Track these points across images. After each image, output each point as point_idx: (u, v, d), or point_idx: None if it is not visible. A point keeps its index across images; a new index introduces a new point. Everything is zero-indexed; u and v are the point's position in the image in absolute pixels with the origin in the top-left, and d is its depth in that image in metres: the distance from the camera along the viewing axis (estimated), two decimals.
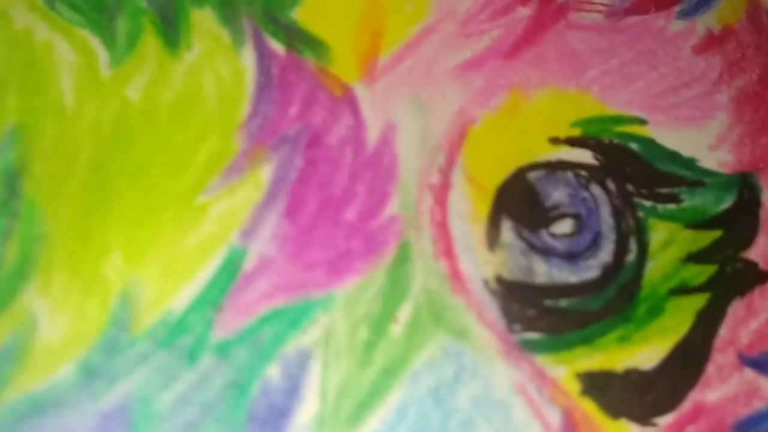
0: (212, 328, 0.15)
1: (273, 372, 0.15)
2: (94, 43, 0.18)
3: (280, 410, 0.14)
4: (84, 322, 0.15)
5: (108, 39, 0.18)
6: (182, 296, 0.15)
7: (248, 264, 0.16)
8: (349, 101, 0.17)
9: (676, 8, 0.20)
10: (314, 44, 0.18)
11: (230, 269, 0.15)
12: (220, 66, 0.18)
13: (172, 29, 0.18)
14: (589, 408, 0.15)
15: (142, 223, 0.16)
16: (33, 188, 0.16)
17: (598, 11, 0.20)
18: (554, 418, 0.15)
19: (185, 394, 0.14)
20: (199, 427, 0.14)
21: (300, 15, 0.18)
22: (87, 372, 0.14)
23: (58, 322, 0.15)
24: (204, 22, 0.18)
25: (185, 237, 0.16)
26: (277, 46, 0.18)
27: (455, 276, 0.16)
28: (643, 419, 0.15)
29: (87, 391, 0.14)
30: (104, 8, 0.18)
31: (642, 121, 0.18)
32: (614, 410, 0.15)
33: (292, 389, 0.15)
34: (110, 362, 0.14)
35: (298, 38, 0.18)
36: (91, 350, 0.14)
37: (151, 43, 0.18)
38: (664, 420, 0.15)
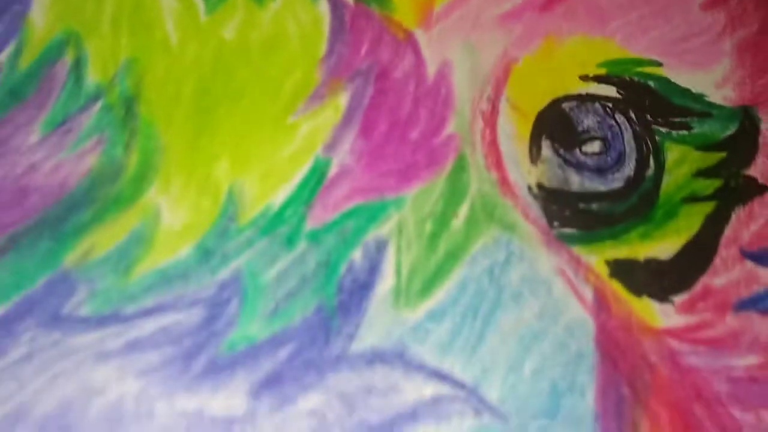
0: (305, 221, 0.18)
1: (356, 255, 0.18)
2: None
3: (363, 284, 0.18)
4: (199, 213, 0.18)
5: None
6: (279, 195, 0.18)
7: (331, 171, 0.19)
8: (411, 43, 0.21)
9: None
10: None
11: (317, 175, 0.19)
12: (300, 14, 0.21)
13: None
14: (616, 287, 0.18)
15: (243, 138, 0.19)
16: (148, 110, 0.19)
17: None
18: (588, 294, 0.18)
19: (285, 270, 0.17)
20: (298, 296, 0.17)
21: None
22: (204, 252, 0.17)
23: (178, 214, 0.18)
24: None
25: (280, 149, 0.19)
26: None
27: (504, 182, 0.19)
28: (662, 297, 0.18)
29: (205, 267, 0.17)
30: None
31: (658, 63, 0.22)
32: (638, 290, 0.18)
33: (372, 269, 0.18)
34: (222, 245, 0.18)
35: None
36: (206, 235, 0.18)
37: None
38: (679, 298, 0.18)
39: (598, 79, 0.21)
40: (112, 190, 0.18)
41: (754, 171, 0.21)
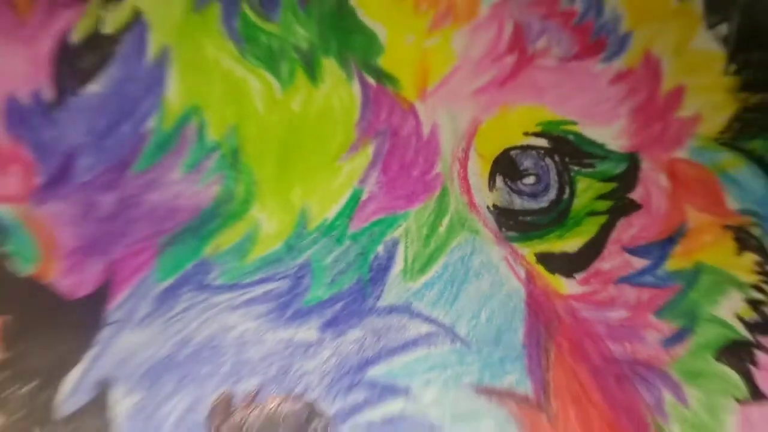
0: (348, 227, 0.29)
1: (380, 249, 0.29)
2: (270, 78, 0.32)
3: (384, 267, 0.29)
4: (284, 224, 0.29)
5: (277, 76, 0.32)
6: (332, 212, 0.30)
7: (363, 196, 0.30)
8: (413, 112, 0.32)
9: (600, 56, 0.35)
10: (392, 79, 0.32)
11: (355, 199, 0.30)
12: (341, 91, 0.32)
13: (312, 70, 0.32)
14: (540, 269, 0.30)
15: (309, 175, 0.30)
16: (247, 158, 0.30)
17: (553, 58, 0.34)
18: (522, 273, 0.29)
19: (336, 258, 0.29)
20: (345, 273, 0.29)
21: (383, 62, 0.33)
22: (288, 247, 0.29)
23: (271, 224, 0.29)
24: (330, 66, 0.32)
25: (331, 182, 0.30)
26: (371, 80, 0.32)
27: (471, 204, 0.30)
28: (568, 275, 0.30)
29: (289, 256, 0.29)
30: (274, 58, 0.32)
31: (575, 123, 0.33)
32: (553, 270, 0.30)
33: (390, 257, 0.29)
34: (299, 243, 0.29)
35: (382, 76, 0.32)
36: (289, 237, 0.29)
37: (301, 78, 0.32)
38: (579, 276, 0.30)
39: (535, 134, 0.32)
40: (229, 209, 0.29)
41: (635, 195, 0.32)
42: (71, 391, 0.26)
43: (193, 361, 0.27)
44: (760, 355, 0.30)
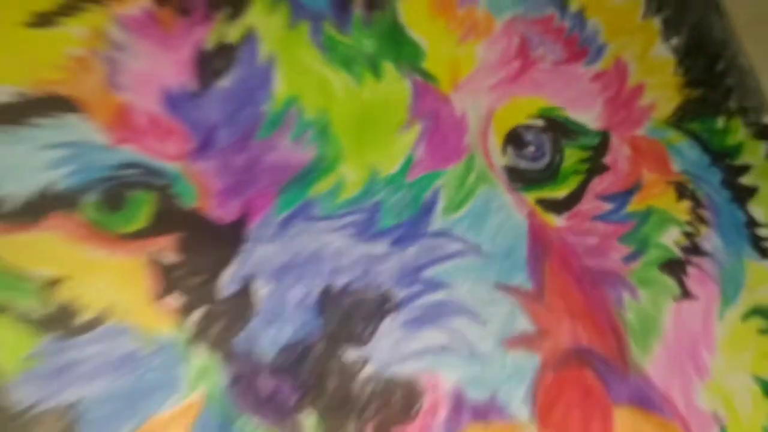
0: (405, 179, 0.42)
1: (428, 194, 0.42)
2: (347, 76, 0.45)
3: (430, 205, 0.42)
4: (361, 177, 0.42)
5: (352, 74, 0.45)
6: (395, 169, 0.42)
7: (414, 160, 0.43)
8: (448, 101, 0.45)
9: (583, 61, 0.48)
10: (432, 78, 0.45)
11: (409, 161, 0.43)
12: (397, 86, 0.45)
13: (376, 71, 0.45)
14: (538, 209, 0.42)
15: (377, 144, 0.43)
16: (335, 132, 0.43)
17: (549, 62, 0.47)
18: (525, 211, 0.42)
19: (399, 198, 0.42)
20: (405, 209, 0.41)
21: (426, 65, 0.46)
22: (365, 192, 0.42)
23: (353, 177, 0.42)
24: (389, 68, 0.45)
25: (392, 149, 0.43)
26: (418, 78, 0.45)
27: (490, 165, 0.43)
28: (558, 213, 0.43)
29: (366, 198, 0.41)
30: (349, 62, 0.45)
31: (564, 109, 0.46)
32: (548, 210, 0.43)
33: (434, 200, 0.42)
34: (372, 189, 0.42)
35: (426, 75, 0.45)
36: (365, 185, 0.42)
37: (369, 76, 0.45)
38: (565, 215, 0.42)
39: (535, 117, 0.45)
40: (323, 166, 0.42)
41: (606, 161, 0.45)
42: (226, 283, 0.39)
43: (305, 264, 0.40)
44: (689, 268, 0.42)
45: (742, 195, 0.44)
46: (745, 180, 0.45)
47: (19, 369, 0.35)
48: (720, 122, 0.46)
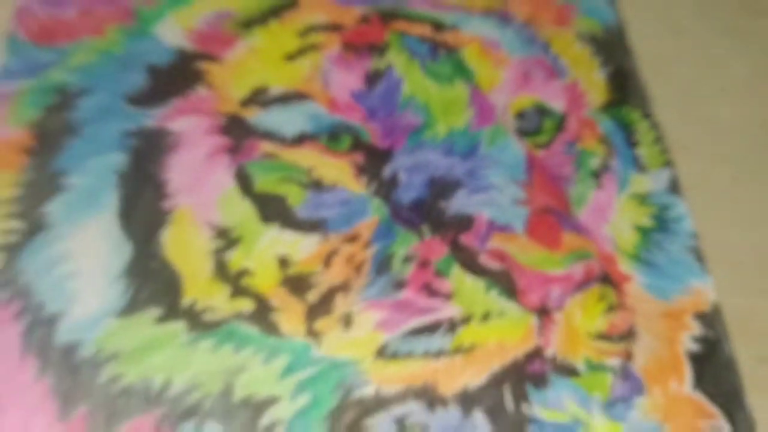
0: (468, 130, 0.88)
1: (477, 138, 0.88)
2: (441, 87, 0.91)
3: (478, 144, 0.87)
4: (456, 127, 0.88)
5: (442, 85, 0.91)
6: (462, 126, 0.88)
7: (470, 124, 0.89)
8: (486, 97, 0.91)
9: (558, 80, 0.94)
10: (478, 85, 0.92)
11: (468, 124, 0.89)
12: (463, 90, 0.91)
13: (452, 84, 0.91)
14: (531, 145, 0.88)
15: (453, 118, 0.89)
16: (436, 111, 0.90)
17: (539, 78, 0.93)
18: (525, 147, 0.88)
19: (465, 139, 0.88)
20: (467, 145, 0.87)
21: (476, 81, 0.92)
22: (461, 134, 0.88)
23: (441, 129, 0.88)
24: (459, 82, 0.92)
25: (461, 120, 0.89)
26: (473, 86, 0.92)
27: (508, 127, 0.89)
28: (543, 148, 0.88)
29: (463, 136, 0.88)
30: (441, 80, 0.92)
31: (548, 102, 0.92)
32: (537, 148, 0.88)
33: (480, 141, 0.88)
34: (464, 132, 0.88)
35: (477, 85, 0.92)
36: (457, 130, 0.88)
37: (449, 86, 0.91)
38: (546, 149, 0.88)
39: (531, 105, 0.91)
40: (427, 124, 0.88)
41: (564, 126, 0.90)
42: (387, 173, 0.85)
43: (422, 166, 0.85)
44: (602, 174, 0.87)
45: (633, 143, 0.89)
46: (635, 137, 0.90)
47: None
48: (624, 110, 0.92)
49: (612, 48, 0.88)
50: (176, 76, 0.75)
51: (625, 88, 0.86)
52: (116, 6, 0.83)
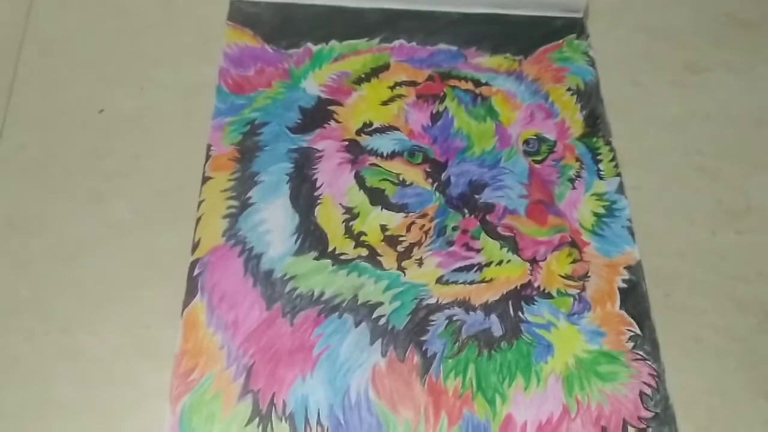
0: (494, 150, 1.37)
1: (500, 155, 1.37)
2: (478, 124, 1.40)
3: (500, 159, 1.37)
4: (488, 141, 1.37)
5: (478, 122, 1.40)
6: (490, 148, 1.38)
7: (495, 147, 1.38)
8: (506, 129, 1.40)
9: (551, 119, 1.42)
10: (501, 122, 1.41)
11: (494, 146, 1.38)
12: (490, 127, 1.40)
13: (484, 121, 1.41)
14: (531, 162, 1.38)
15: (485, 143, 1.38)
16: (475, 137, 1.39)
17: (539, 118, 1.42)
18: (528, 162, 1.37)
19: (492, 156, 1.37)
20: (494, 160, 1.36)
21: (500, 117, 1.41)
22: (482, 154, 1.37)
23: (478, 150, 1.37)
24: (489, 120, 1.41)
25: (490, 144, 1.38)
26: (498, 122, 1.41)
27: (518, 149, 1.38)
28: (538, 163, 1.37)
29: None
30: (478, 119, 1.40)
31: (543, 133, 1.40)
32: (534, 162, 1.38)
33: (501, 157, 1.37)
34: (483, 153, 1.37)
35: (501, 124, 1.41)
36: (483, 152, 1.37)
37: (482, 123, 1.40)
38: (541, 164, 1.38)
39: (533, 135, 1.26)
40: (469, 146, 1.37)
41: (555, 149, 1.38)
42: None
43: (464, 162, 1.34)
44: (576, 180, 1.36)
45: (597, 161, 1.34)
46: (599, 157, 1.35)
47: None
48: (594, 140, 1.37)
49: (589, 97, 1.10)
50: (317, 115, 1.01)
51: (595, 125, 1.08)
52: (278, 68, 1.09)
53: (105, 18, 1.09)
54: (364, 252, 0.93)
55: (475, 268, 0.92)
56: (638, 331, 0.91)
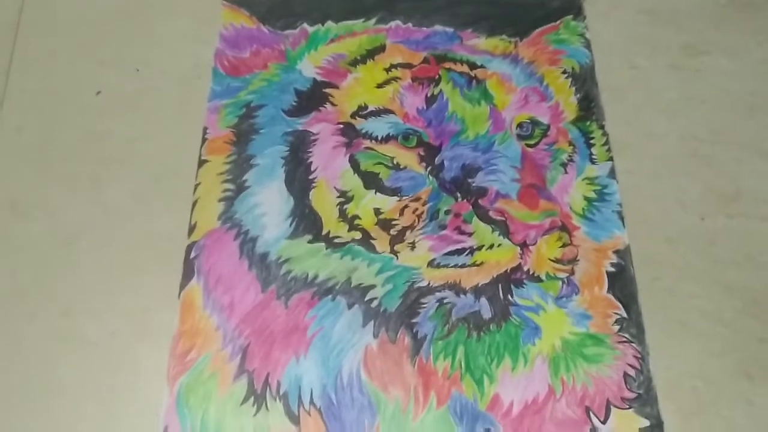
0: (488, 134, 1.37)
1: (493, 139, 1.37)
2: (472, 107, 1.40)
3: (493, 142, 1.37)
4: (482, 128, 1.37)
5: (472, 105, 1.40)
6: (484, 131, 1.37)
7: (489, 130, 1.38)
8: (500, 113, 1.39)
9: (546, 101, 1.42)
10: (496, 105, 1.40)
11: (488, 130, 1.38)
12: (484, 111, 1.39)
13: (479, 103, 1.40)
14: (524, 145, 1.38)
15: (479, 127, 1.38)
16: (467, 120, 1.39)
17: (533, 102, 1.41)
18: (521, 145, 1.37)
19: (485, 139, 1.37)
20: (488, 143, 1.36)
21: (495, 101, 1.41)
22: (476, 137, 1.37)
23: (472, 133, 1.37)
24: (483, 103, 1.40)
25: (484, 128, 1.38)
26: (492, 105, 1.40)
27: (512, 132, 1.38)
28: (531, 147, 1.37)
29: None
30: (472, 102, 1.40)
31: (537, 117, 1.40)
32: (528, 146, 1.37)
33: (494, 140, 1.37)
34: (477, 136, 1.37)
35: (495, 107, 1.40)
36: (477, 136, 1.37)
37: (477, 105, 1.40)
38: (533, 148, 1.37)
39: (527, 119, 1.34)
40: (463, 129, 1.37)
41: (548, 133, 1.38)
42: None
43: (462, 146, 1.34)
44: (568, 165, 1.36)
45: (590, 145, 1.34)
46: (592, 141, 1.34)
47: None
48: (588, 124, 1.36)
49: (584, 80, 1.09)
50: (313, 98, 1.01)
51: (589, 108, 1.06)
52: (273, 49, 1.09)
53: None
54: (358, 235, 0.92)
55: (467, 252, 0.91)
56: (624, 315, 0.91)
